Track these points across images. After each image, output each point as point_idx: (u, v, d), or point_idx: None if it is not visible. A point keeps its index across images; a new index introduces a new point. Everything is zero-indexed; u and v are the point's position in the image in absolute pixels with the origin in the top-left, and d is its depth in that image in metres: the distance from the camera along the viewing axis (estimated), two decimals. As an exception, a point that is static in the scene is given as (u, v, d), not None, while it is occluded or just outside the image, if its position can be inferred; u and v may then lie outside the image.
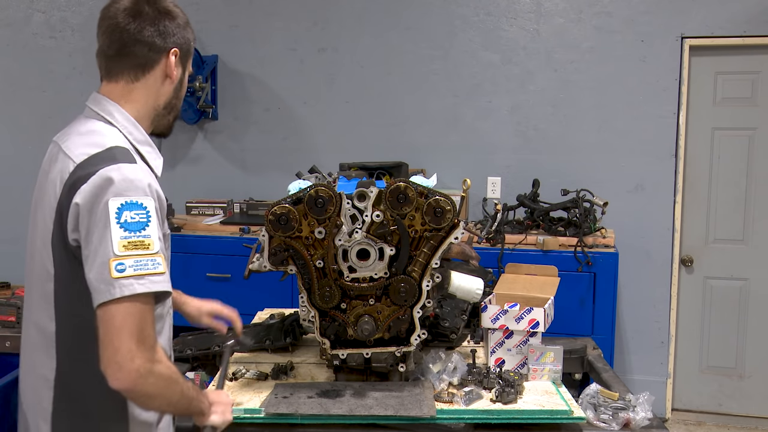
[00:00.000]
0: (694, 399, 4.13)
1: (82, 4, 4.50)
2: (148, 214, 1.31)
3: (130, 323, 1.27)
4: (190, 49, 1.54)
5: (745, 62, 3.92)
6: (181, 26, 1.49)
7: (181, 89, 1.54)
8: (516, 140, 4.16)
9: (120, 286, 1.26)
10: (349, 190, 1.92)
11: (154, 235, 1.30)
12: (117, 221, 1.27)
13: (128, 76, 1.47)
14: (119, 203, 1.28)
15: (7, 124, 4.62)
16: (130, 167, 1.33)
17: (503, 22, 4.13)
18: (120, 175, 1.30)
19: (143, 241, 1.29)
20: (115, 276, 1.26)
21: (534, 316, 2.12)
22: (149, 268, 1.28)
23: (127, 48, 1.45)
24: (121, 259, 1.26)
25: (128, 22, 1.44)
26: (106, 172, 1.30)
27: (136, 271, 1.27)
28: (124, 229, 1.28)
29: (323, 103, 4.36)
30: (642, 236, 4.02)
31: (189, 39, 1.52)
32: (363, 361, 1.98)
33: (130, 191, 1.30)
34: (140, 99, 1.47)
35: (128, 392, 1.30)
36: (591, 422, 1.89)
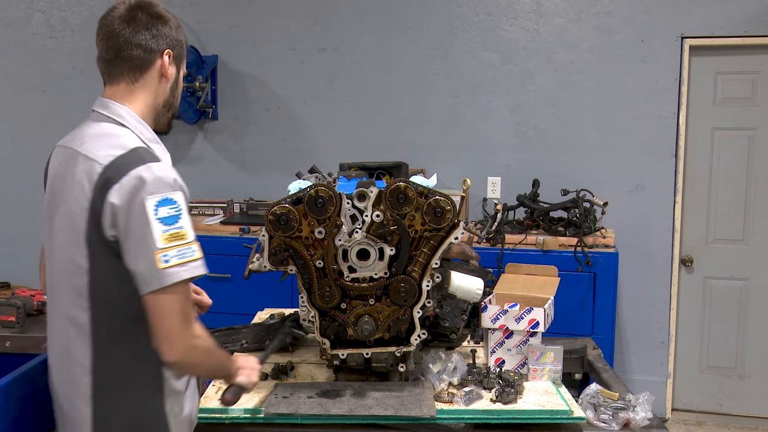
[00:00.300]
0: (694, 399, 4.13)
1: (82, 4, 4.50)
2: (179, 207, 1.44)
3: (177, 306, 1.43)
4: (183, 50, 1.64)
5: (745, 62, 3.92)
6: (172, 29, 1.60)
7: (176, 88, 1.63)
8: (516, 140, 4.16)
9: (168, 275, 1.41)
10: (349, 190, 1.92)
11: (187, 225, 1.45)
12: (155, 217, 1.40)
13: (127, 77, 1.56)
14: (155, 201, 1.41)
15: (7, 124, 4.62)
16: (157, 166, 1.45)
17: (503, 22, 4.13)
18: (151, 175, 1.42)
19: (179, 232, 1.43)
20: (162, 267, 1.40)
21: (534, 316, 2.12)
22: (189, 255, 1.43)
23: (123, 51, 1.55)
24: (164, 251, 1.40)
25: (123, 27, 1.54)
26: (138, 172, 1.42)
27: (180, 260, 1.42)
28: (163, 224, 1.41)
29: (323, 103, 4.36)
30: (642, 236, 4.02)
31: (181, 41, 1.62)
32: (363, 361, 1.98)
33: (162, 188, 1.42)
34: (141, 99, 1.57)
35: (178, 364, 1.48)
36: (591, 422, 1.90)
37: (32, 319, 2.38)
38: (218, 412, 1.86)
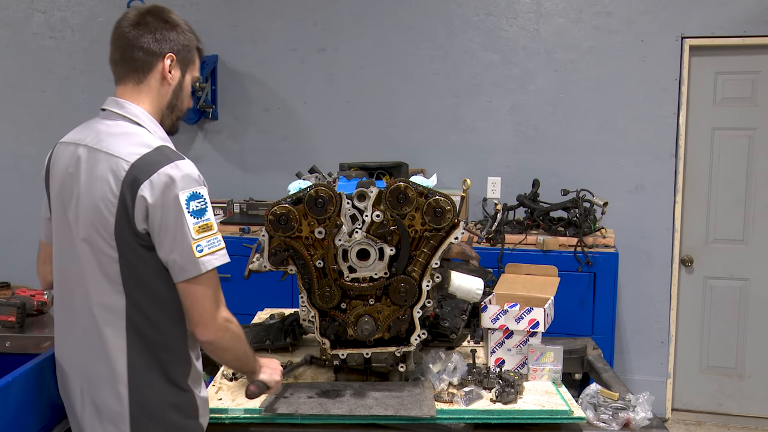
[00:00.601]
0: (694, 399, 4.13)
1: (82, 4, 4.50)
2: (205, 200, 1.56)
3: (210, 291, 1.56)
4: (190, 54, 1.69)
5: (745, 62, 3.92)
6: (179, 34, 1.65)
7: (180, 91, 1.69)
8: (516, 140, 4.16)
9: (203, 263, 1.53)
10: (349, 190, 1.92)
11: (212, 217, 1.57)
12: (188, 211, 1.52)
13: (133, 78, 1.63)
14: (186, 195, 1.52)
15: (7, 124, 4.62)
16: (184, 163, 1.55)
17: (503, 22, 4.13)
18: (180, 172, 1.52)
19: (207, 223, 1.55)
20: (198, 256, 1.53)
21: (534, 316, 2.12)
22: (217, 245, 1.56)
23: (127, 53, 1.62)
24: (198, 242, 1.53)
25: (129, 30, 1.62)
26: (168, 170, 1.51)
27: (210, 248, 1.55)
28: (194, 216, 1.53)
29: (323, 103, 4.36)
30: (642, 236, 4.02)
31: (189, 46, 1.68)
32: (363, 361, 1.98)
33: (191, 184, 1.53)
34: (147, 99, 1.64)
35: (211, 344, 1.60)
36: (591, 422, 1.90)
37: (32, 319, 2.38)
38: (218, 412, 1.86)
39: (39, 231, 1.79)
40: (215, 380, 2.09)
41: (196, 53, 1.71)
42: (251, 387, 1.76)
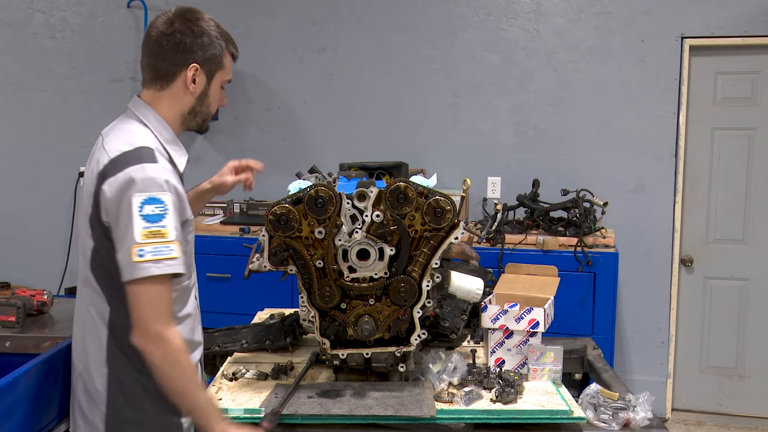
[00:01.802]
0: (694, 399, 4.13)
1: (82, 4, 4.50)
2: (166, 207, 1.53)
3: (148, 299, 1.52)
4: (218, 61, 1.70)
5: (745, 62, 3.92)
6: (205, 44, 1.66)
7: (206, 98, 1.71)
8: (516, 140, 4.16)
9: (139, 269, 1.50)
10: (349, 190, 1.92)
11: (171, 225, 1.53)
12: (139, 214, 1.51)
13: (156, 85, 1.68)
14: (142, 198, 1.51)
15: (7, 124, 4.62)
16: (151, 166, 1.54)
17: (503, 22, 4.13)
18: (143, 174, 1.52)
19: (160, 230, 1.52)
20: (137, 260, 1.50)
21: (534, 316, 2.12)
22: (165, 253, 1.52)
23: (152, 61, 1.67)
24: (141, 246, 1.50)
25: (156, 38, 1.65)
26: (131, 171, 1.53)
27: (155, 256, 1.51)
28: (145, 220, 1.51)
29: (323, 103, 4.36)
30: (642, 236, 4.02)
31: (216, 54, 1.69)
32: (363, 361, 1.98)
33: (150, 188, 1.52)
34: (166, 105, 1.68)
35: (142, 353, 1.56)
36: (591, 422, 1.89)
37: (32, 319, 2.38)
38: (218, 412, 1.86)
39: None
40: (215, 380, 2.09)
41: (228, 57, 1.73)
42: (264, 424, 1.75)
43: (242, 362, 2.21)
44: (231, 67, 1.76)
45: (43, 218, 4.48)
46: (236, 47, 1.76)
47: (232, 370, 2.13)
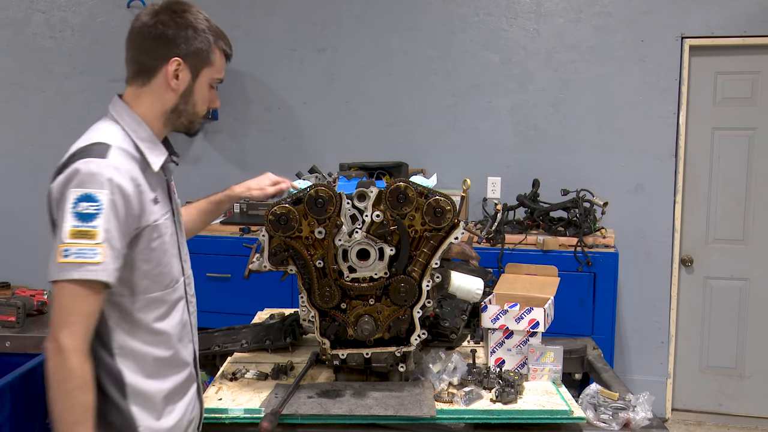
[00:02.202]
0: (694, 399, 4.13)
1: (82, 4, 4.50)
2: (100, 207, 1.40)
3: (62, 303, 1.39)
4: (205, 57, 1.59)
5: (745, 62, 3.92)
6: (189, 37, 1.55)
7: (190, 96, 1.59)
8: (516, 140, 4.16)
9: (60, 270, 1.38)
10: (349, 190, 1.92)
11: (103, 227, 1.40)
12: (72, 210, 1.40)
13: (137, 81, 1.58)
14: (78, 194, 1.40)
15: (7, 124, 4.62)
16: (97, 161, 1.43)
17: (503, 22, 4.13)
18: (85, 168, 1.41)
19: (90, 231, 1.39)
20: (60, 260, 1.38)
21: (534, 316, 2.12)
22: (88, 257, 1.39)
23: (134, 54, 1.57)
24: (67, 246, 1.39)
25: (139, 30, 1.55)
26: (78, 164, 1.42)
27: (77, 258, 1.38)
28: (77, 218, 1.39)
29: (323, 103, 4.36)
30: (642, 236, 4.02)
31: (202, 49, 1.57)
32: (363, 361, 1.98)
33: (89, 184, 1.41)
34: (146, 103, 1.57)
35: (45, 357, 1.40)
36: (591, 422, 1.89)
37: (32, 319, 2.38)
38: (218, 412, 1.86)
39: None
40: (215, 380, 2.09)
41: (217, 54, 1.62)
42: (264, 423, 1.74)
43: (242, 362, 2.21)
44: (223, 65, 1.65)
45: (43, 218, 4.46)
46: (229, 44, 1.66)
47: (232, 370, 2.13)
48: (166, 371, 1.58)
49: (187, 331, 1.66)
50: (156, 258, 1.53)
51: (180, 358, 1.62)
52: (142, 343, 1.53)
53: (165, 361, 1.57)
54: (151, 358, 1.54)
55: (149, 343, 1.54)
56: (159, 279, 1.55)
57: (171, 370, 1.59)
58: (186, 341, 1.65)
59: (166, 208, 1.60)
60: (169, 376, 1.59)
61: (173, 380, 1.59)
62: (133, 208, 1.46)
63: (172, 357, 1.59)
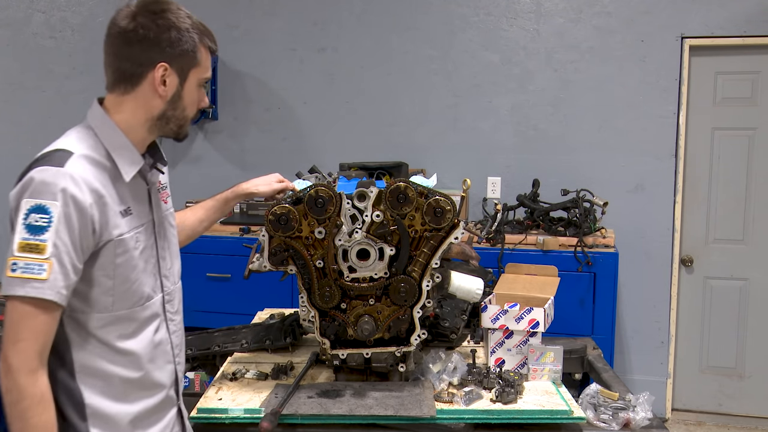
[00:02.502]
0: (694, 399, 4.13)
1: (82, 4, 4.50)
2: (51, 219, 1.32)
3: (12, 320, 1.32)
4: (192, 57, 1.48)
5: (745, 62, 3.92)
6: (174, 39, 1.44)
7: (179, 101, 1.49)
8: (516, 140, 4.16)
9: (8, 285, 1.31)
10: (349, 190, 1.92)
11: (50, 241, 1.32)
12: (24, 222, 1.32)
13: (119, 89, 1.47)
14: (29, 205, 1.33)
15: (7, 124, 4.62)
16: (53, 170, 1.34)
17: (503, 22, 4.13)
18: (39, 177, 1.34)
19: (39, 245, 1.31)
20: (8, 275, 1.32)
21: (534, 316, 2.12)
22: (34, 272, 1.31)
23: (114, 62, 1.46)
24: (15, 259, 1.31)
25: (118, 35, 1.44)
26: (33, 172, 1.35)
27: (24, 273, 1.31)
28: (27, 231, 1.32)
29: (323, 103, 4.36)
30: (642, 236, 4.02)
31: (188, 50, 1.46)
32: (363, 361, 1.98)
33: (42, 194, 1.33)
34: (129, 110, 1.47)
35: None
36: (591, 422, 1.89)
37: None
38: (218, 412, 1.86)
39: None
40: (215, 380, 2.09)
41: (203, 52, 1.50)
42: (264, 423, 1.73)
43: (242, 362, 2.21)
44: (209, 62, 1.53)
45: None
46: (213, 39, 1.54)
47: (232, 370, 2.13)
48: (135, 393, 1.49)
49: (164, 351, 1.56)
50: (121, 274, 1.44)
51: (151, 379, 1.52)
52: (107, 362, 1.44)
53: (133, 382, 1.48)
54: (117, 379, 1.46)
55: (114, 362, 1.45)
56: (125, 296, 1.45)
57: (141, 392, 1.50)
58: (162, 362, 1.54)
59: (143, 220, 1.51)
60: (139, 399, 1.50)
61: (143, 403, 1.50)
62: (91, 221, 1.37)
63: (142, 379, 1.50)
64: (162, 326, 1.55)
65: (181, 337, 1.64)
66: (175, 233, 1.68)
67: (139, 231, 1.49)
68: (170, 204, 1.68)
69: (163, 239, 1.59)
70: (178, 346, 1.61)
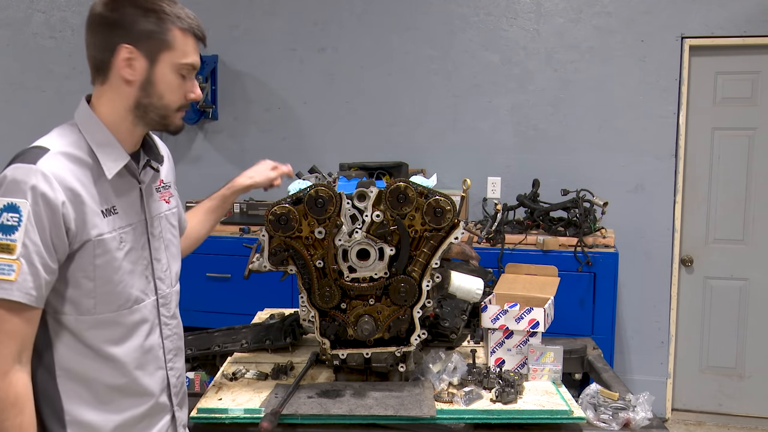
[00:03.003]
0: (694, 399, 4.13)
1: (82, 4, 4.50)
2: (21, 218, 1.29)
3: None
4: (161, 41, 1.40)
5: (745, 62, 3.92)
6: (137, 19, 1.37)
7: (151, 87, 1.41)
8: (516, 140, 4.16)
9: None
10: (349, 190, 1.92)
11: (20, 241, 1.28)
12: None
13: (98, 80, 1.45)
14: (2, 204, 1.30)
15: (7, 124, 4.62)
16: (25, 167, 1.31)
17: (503, 22, 4.13)
18: (11, 175, 1.31)
19: (9, 245, 1.28)
20: None
21: (534, 316, 2.12)
22: (5, 273, 1.28)
23: (89, 51, 1.44)
24: None
25: (89, 23, 1.42)
26: (6, 171, 1.32)
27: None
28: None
29: (323, 103, 4.36)
30: (642, 236, 4.02)
31: (154, 31, 1.39)
32: (363, 361, 1.98)
33: (13, 193, 1.30)
34: (107, 102, 1.44)
35: None
36: (591, 422, 1.89)
37: None
38: (218, 412, 1.86)
39: None
40: (215, 380, 2.09)
41: (177, 34, 1.41)
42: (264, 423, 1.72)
43: (242, 362, 2.21)
44: (189, 48, 1.44)
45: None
46: (196, 23, 1.46)
47: (232, 370, 2.12)
48: (120, 401, 1.44)
49: (155, 356, 1.50)
50: (103, 276, 1.39)
51: (139, 386, 1.47)
52: (90, 367, 1.40)
53: (118, 389, 1.43)
54: (100, 386, 1.41)
55: (98, 368, 1.41)
56: (108, 299, 1.40)
57: (126, 399, 1.45)
58: (152, 368, 1.49)
59: (132, 220, 1.46)
60: (125, 407, 1.45)
61: (130, 412, 1.45)
62: (64, 219, 1.32)
63: (128, 385, 1.45)
64: (154, 331, 1.50)
65: (177, 342, 1.58)
66: (177, 234, 1.64)
67: (125, 231, 1.44)
68: (174, 203, 1.64)
69: (159, 240, 1.54)
70: (172, 351, 1.56)
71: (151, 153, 1.54)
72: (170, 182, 1.65)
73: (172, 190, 1.65)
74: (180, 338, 1.60)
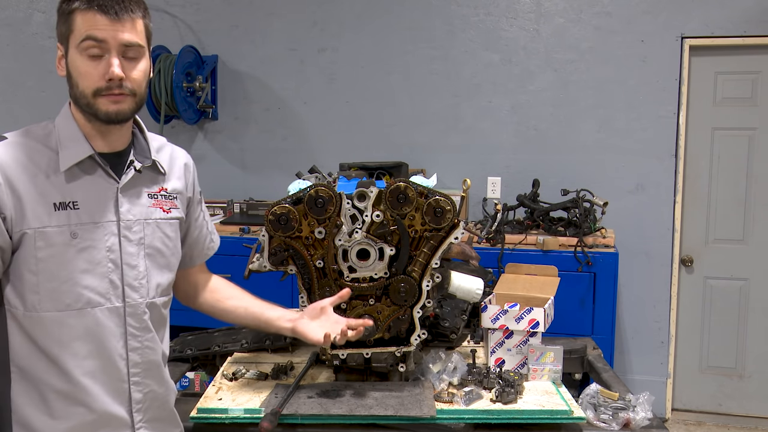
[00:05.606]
0: (694, 399, 4.13)
1: (82, 4, 4.50)
2: None
3: None
4: (67, 28, 1.49)
5: (745, 62, 3.93)
6: (58, 18, 1.49)
7: (70, 78, 1.47)
8: (516, 140, 4.16)
9: None
10: (349, 190, 1.92)
11: None
12: None
13: None
14: None
15: (6, 124, 4.61)
16: None
17: (503, 22, 4.13)
18: None
19: None
20: None
21: (534, 316, 2.12)
22: None
23: None
24: None
25: None
26: None
27: None
28: None
29: (323, 103, 4.36)
30: (642, 236, 4.02)
31: (63, 22, 1.49)
32: (363, 361, 1.98)
33: None
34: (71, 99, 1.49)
35: None
36: (591, 422, 1.89)
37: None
38: (218, 412, 1.86)
39: None
40: (215, 380, 2.09)
41: (77, 16, 1.47)
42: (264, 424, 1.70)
43: (242, 362, 2.21)
44: (88, 23, 1.45)
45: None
46: None
47: (232, 370, 2.12)
48: (65, 408, 1.38)
49: (114, 367, 1.42)
50: (46, 270, 1.34)
51: (87, 396, 1.39)
52: (39, 368, 1.36)
53: (65, 395, 1.37)
54: (47, 389, 1.36)
55: (46, 369, 1.36)
56: (53, 296, 1.34)
57: (72, 407, 1.38)
58: (106, 378, 1.41)
59: (98, 219, 1.40)
60: (69, 415, 1.38)
61: (75, 420, 1.39)
62: (17, 211, 1.32)
63: (74, 393, 1.38)
64: (115, 341, 1.41)
65: (151, 356, 1.47)
66: (170, 246, 1.54)
67: (85, 228, 1.38)
68: (175, 213, 1.56)
69: (138, 246, 1.45)
70: (141, 365, 1.45)
71: (142, 155, 1.50)
72: (179, 193, 1.59)
73: (177, 202, 1.57)
74: (156, 353, 1.49)
